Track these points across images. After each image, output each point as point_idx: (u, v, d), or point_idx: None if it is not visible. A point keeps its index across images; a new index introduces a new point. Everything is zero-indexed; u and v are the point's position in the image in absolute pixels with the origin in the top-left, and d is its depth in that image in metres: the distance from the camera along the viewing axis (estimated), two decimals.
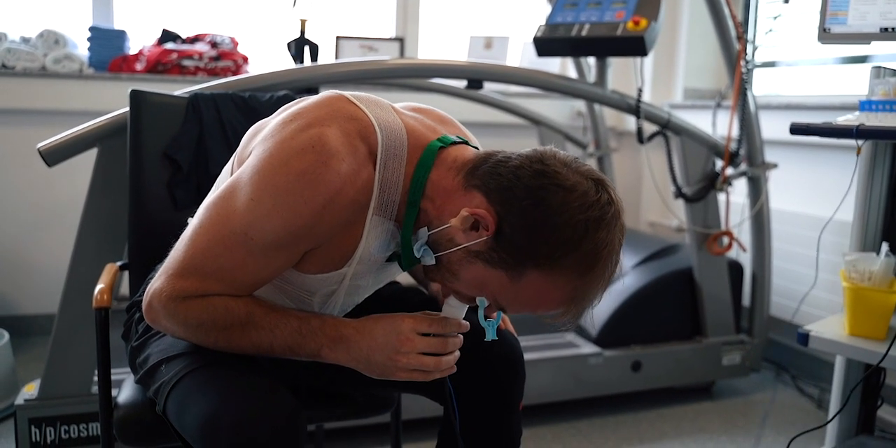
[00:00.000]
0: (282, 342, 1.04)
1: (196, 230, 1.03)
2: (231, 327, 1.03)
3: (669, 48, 3.51)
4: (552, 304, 0.99)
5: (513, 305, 1.03)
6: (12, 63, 2.76)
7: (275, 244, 1.00)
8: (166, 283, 1.03)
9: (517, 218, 0.95)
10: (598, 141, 3.35)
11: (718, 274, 2.54)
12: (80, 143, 1.69)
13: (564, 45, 2.13)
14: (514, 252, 0.96)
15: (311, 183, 0.97)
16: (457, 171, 1.04)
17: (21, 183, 2.86)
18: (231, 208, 1.01)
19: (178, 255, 1.04)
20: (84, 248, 1.78)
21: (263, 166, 0.99)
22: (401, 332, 1.01)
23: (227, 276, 1.02)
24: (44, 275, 2.89)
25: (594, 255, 0.95)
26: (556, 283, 0.96)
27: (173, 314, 1.03)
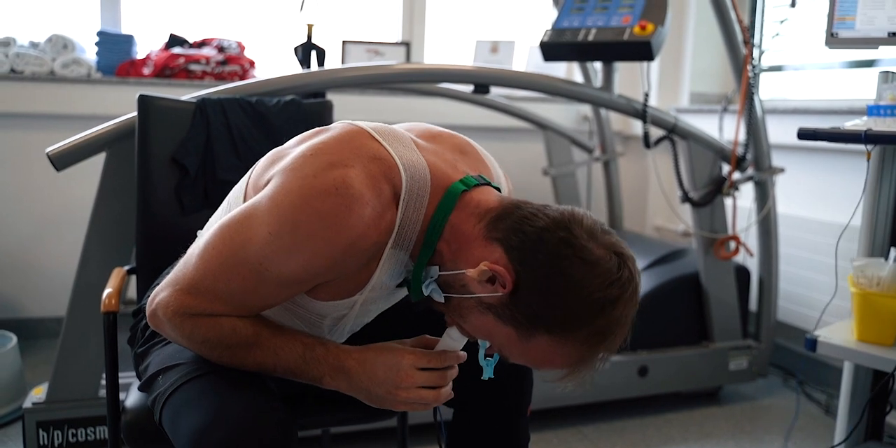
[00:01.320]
0: (285, 366, 1.05)
1: (209, 250, 1.01)
2: (236, 347, 1.04)
3: (676, 52, 3.51)
4: (556, 366, 1.00)
5: (516, 359, 1.03)
6: (21, 68, 2.77)
7: (290, 280, 1.01)
8: (173, 297, 1.02)
9: (536, 283, 0.95)
10: (605, 145, 3.35)
11: (725, 278, 2.54)
12: (89, 148, 1.70)
13: (571, 50, 2.13)
14: (528, 314, 0.96)
15: (334, 226, 0.96)
16: (478, 218, 1.02)
17: (29, 186, 2.87)
18: (247, 237, 0.99)
19: (188, 272, 1.03)
20: (92, 252, 1.79)
21: (284, 201, 0.98)
22: (401, 369, 1.02)
23: (236, 300, 1.02)
24: (51, 278, 2.89)
25: (607, 331, 0.96)
26: (564, 350, 0.97)
27: (178, 327, 1.03)
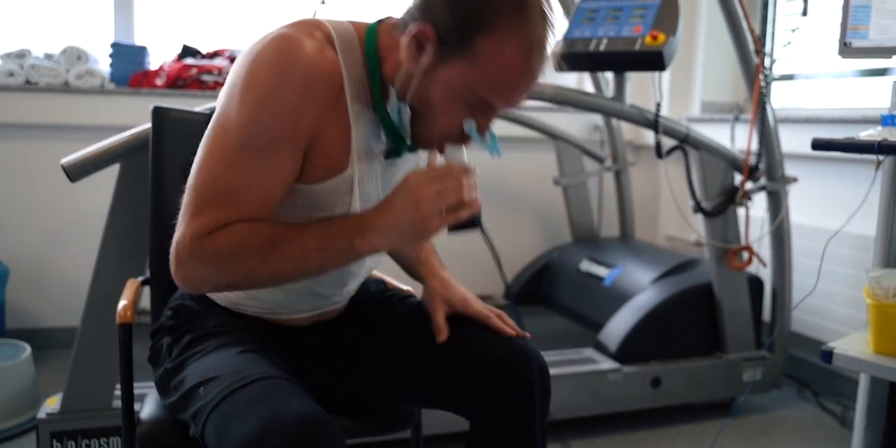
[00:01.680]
0: (313, 246, 1.04)
1: (196, 166, 1.06)
2: (261, 248, 1.03)
3: (686, 61, 3.50)
4: (520, 65, 1.02)
5: (492, 90, 1.04)
6: (36, 79, 2.80)
7: (272, 139, 1.04)
8: (185, 227, 1.04)
9: (441, 8, 1.01)
10: (616, 155, 3.34)
11: (738, 289, 2.53)
12: (103, 160, 1.71)
13: (582, 61, 2.14)
14: (456, 33, 1.00)
15: (284, 64, 1.03)
16: (394, 28, 1.09)
17: (43, 196, 2.89)
18: (223, 127, 1.05)
19: (187, 198, 1.06)
20: (105, 263, 1.79)
21: (238, 74, 1.05)
22: (412, 187, 1.02)
23: (237, 196, 1.04)
24: (65, 288, 2.90)
25: (532, 4, 1.01)
26: (506, 41, 1.00)
27: (201, 254, 1.03)
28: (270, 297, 1.26)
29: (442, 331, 1.26)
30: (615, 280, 2.87)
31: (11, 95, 2.78)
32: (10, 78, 2.78)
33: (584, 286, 3.02)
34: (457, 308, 1.31)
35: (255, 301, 1.27)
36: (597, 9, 2.21)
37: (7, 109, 2.78)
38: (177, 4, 3.21)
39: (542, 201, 3.60)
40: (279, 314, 1.30)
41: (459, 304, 1.31)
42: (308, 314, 1.32)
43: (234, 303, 1.28)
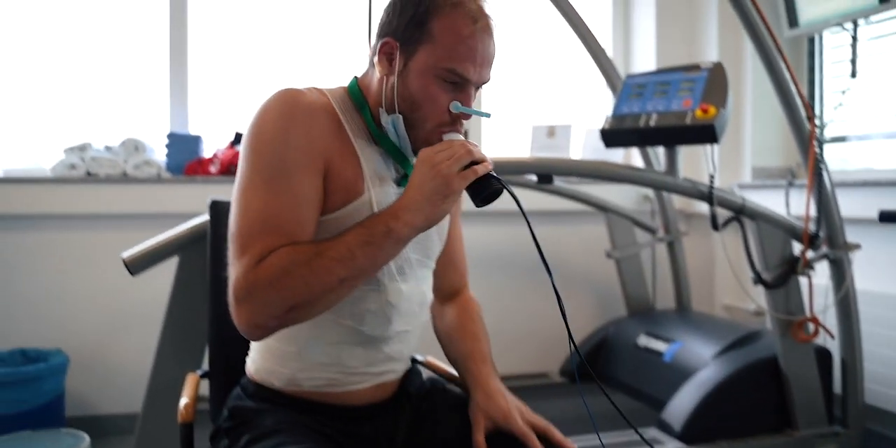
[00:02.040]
0: (356, 242, 1.10)
1: (233, 213, 1.14)
2: (308, 258, 1.08)
3: (735, 127, 3.47)
4: (471, 31, 1.18)
5: (457, 58, 1.18)
6: (96, 170, 2.89)
7: (291, 167, 1.14)
8: (235, 268, 1.10)
9: (392, 19, 1.21)
10: (667, 225, 3.30)
11: (806, 362, 2.44)
12: (162, 253, 1.73)
13: (633, 136, 2.13)
14: (411, 29, 1.18)
15: (287, 106, 1.17)
16: (367, 71, 1.29)
17: (102, 284, 2.93)
18: (246, 171, 1.15)
19: (232, 244, 1.12)
20: (165, 356, 1.80)
21: (250, 125, 1.17)
22: (425, 159, 1.13)
23: (275, 224, 1.11)
24: (124, 375, 2.92)
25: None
26: (454, 17, 1.17)
27: (255, 284, 1.07)
28: (325, 357, 1.27)
29: (480, 445, 1.26)
30: (675, 355, 2.79)
31: (73, 187, 2.87)
32: (72, 170, 2.88)
33: (643, 362, 2.95)
34: (498, 424, 1.28)
35: (311, 371, 1.28)
36: (644, 84, 2.22)
37: (69, 200, 2.87)
38: (229, 93, 3.31)
39: (595, 274, 3.56)
40: (336, 387, 1.29)
41: (501, 419, 1.28)
42: (365, 386, 1.31)
43: (291, 380, 1.28)
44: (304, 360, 1.28)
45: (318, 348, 1.27)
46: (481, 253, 3.32)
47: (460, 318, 1.47)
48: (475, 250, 3.41)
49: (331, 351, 1.27)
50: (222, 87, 3.31)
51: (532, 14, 3.69)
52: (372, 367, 1.31)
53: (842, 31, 3.01)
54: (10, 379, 2.50)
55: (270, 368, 1.31)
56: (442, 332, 1.49)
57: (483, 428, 1.28)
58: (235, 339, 1.51)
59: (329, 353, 1.27)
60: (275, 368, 1.30)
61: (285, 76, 3.34)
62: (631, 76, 2.30)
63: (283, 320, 1.11)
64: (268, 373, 1.31)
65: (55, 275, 2.91)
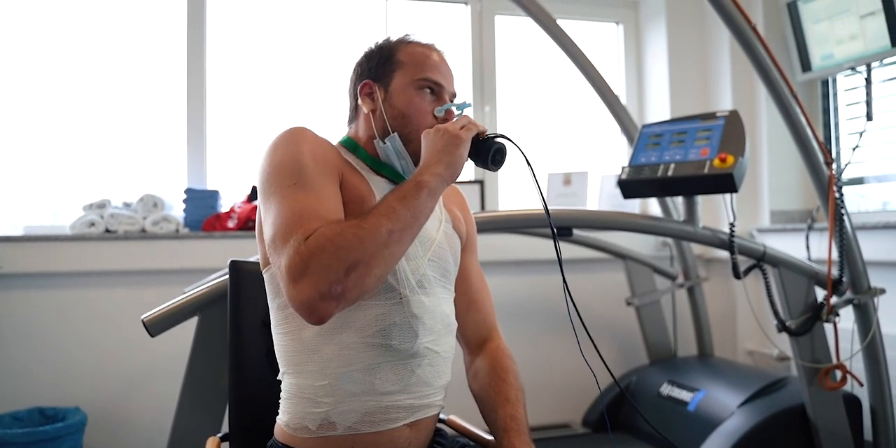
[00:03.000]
0: (394, 198, 1.22)
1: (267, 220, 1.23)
2: (355, 221, 1.17)
3: (752, 171, 3.46)
4: (428, 50, 1.44)
5: (425, 69, 1.40)
6: (115, 227, 2.91)
7: (311, 172, 1.26)
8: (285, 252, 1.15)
9: (362, 67, 1.46)
10: (687, 271, 3.28)
11: (835, 410, 2.38)
12: (181, 314, 1.72)
13: (651, 187, 2.12)
14: (381, 66, 1.43)
15: (296, 133, 1.33)
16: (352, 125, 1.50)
17: (120, 342, 2.93)
18: (270, 190, 1.25)
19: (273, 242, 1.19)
20: (184, 417, 1.77)
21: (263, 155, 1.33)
22: (429, 132, 1.32)
23: (309, 213, 1.19)
24: (141, 434, 2.90)
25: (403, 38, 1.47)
26: (411, 46, 1.44)
27: (310, 253, 1.12)
28: (358, 386, 1.28)
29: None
30: (700, 404, 2.74)
31: (92, 244, 2.88)
32: (91, 228, 2.90)
33: (667, 411, 2.89)
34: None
35: (345, 405, 1.28)
36: (660, 133, 2.22)
37: (88, 258, 2.88)
38: (246, 147, 3.35)
39: (615, 322, 3.52)
40: (371, 424, 1.29)
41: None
42: (401, 423, 1.32)
43: (325, 420, 1.28)
44: (336, 392, 1.28)
45: (349, 376, 1.28)
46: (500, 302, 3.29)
47: (493, 380, 1.47)
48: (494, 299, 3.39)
49: (363, 377, 1.28)
50: (239, 141, 3.35)
51: (546, 62, 3.73)
52: (406, 392, 1.32)
53: (855, 73, 3.02)
54: (29, 438, 2.48)
55: (303, 412, 1.30)
56: (476, 394, 1.50)
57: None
58: (256, 399, 1.51)
59: (362, 380, 1.28)
60: (308, 410, 1.30)
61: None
62: (647, 125, 2.30)
63: (346, 285, 1.12)
64: (301, 417, 1.31)
65: (74, 332, 2.91)
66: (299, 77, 3.42)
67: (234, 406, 1.54)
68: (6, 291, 2.86)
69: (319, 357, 1.29)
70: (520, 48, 3.75)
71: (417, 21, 3.61)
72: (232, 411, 1.54)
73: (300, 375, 1.32)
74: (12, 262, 2.82)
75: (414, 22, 3.60)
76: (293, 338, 1.33)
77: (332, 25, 3.49)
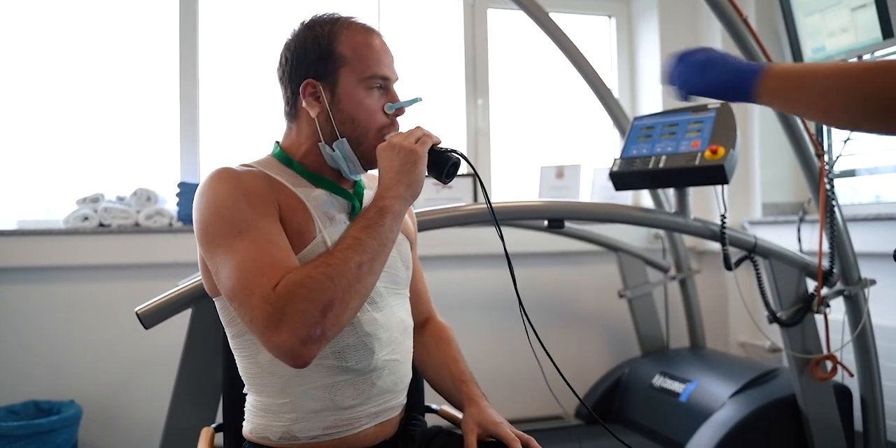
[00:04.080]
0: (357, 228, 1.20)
1: (225, 278, 1.18)
2: (322, 261, 1.16)
3: (743, 164, 3.47)
4: (370, 39, 1.35)
5: (371, 64, 1.33)
6: (108, 221, 2.91)
7: (251, 217, 1.21)
8: (253, 303, 1.12)
9: (298, 61, 1.34)
10: (679, 263, 3.29)
11: (825, 400, 2.40)
12: (175, 306, 1.73)
13: (642, 178, 2.13)
14: (321, 60, 1.32)
15: (223, 176, 1.28)
16: (288, 129, 1.43)
17: (114, 335, 2.93)
18: (215, 242, 1.21)
19: (236, 297, 1.15)
20: (179, 409, 1.78)
21: (196, 202, 1.28)
22: (384, 147, 1.28)
23: (266, 261, 1.16)
24: (136, 427, 2.90)
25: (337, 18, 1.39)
26: (350, 34, 1.34)
27: (281, 301, 1.11)
28: (318, 403, 1.29)
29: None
30: (691, 395, 2.76)
31: (86, 238, 2.88)
32: (84, 222, 2.90)
33: (659, 403, 2.91)
34: (488, 430, 1.39)
35: (306, 422, 1.29)
36: (652, 125, 2.23)
37: (81, 251, 2.88)
38: (239, 141, 3.35)
39: (607, 314, 3.53)
40: (334, 435, 1.31)
41: (491, 426, 1.40)
42: (365, 428, 1.33)
43: (286, 433, 1.30)
44: (297, 409, 1.29)
45: (308, 395, 1.28)
46: (491, 296, 3.31)
47: (438, 344, 1.57)
48: (485, 293, 3.41)
49: (322, 395, 1.29)
50: (232, 135, 3.35)
51: (538, 55, 3.74)
52: (368, 403, 1.33)
53: None
54: (24, 431, 2.49)
55: (265, 424, 1.32)
56: (423, 361, 1.56)
57: (475, 434, 1.38)
58: None
59: (321, 398, 1.29)
60: (269, 423, 1.31)
61: None
62: (639, 118, 2.31)
63: (325, 326, 1.12)
64: (263, 428, 1.32)
65: (68, 326, 2.91)
66: None
67: (228, 397, 1.55)
68: (0, 285, 2.86)
69: (277, 378, 1.30)
70: (512, 41, 3.75)
71: (409, 14, 3.61)
72: (226, 402, 1.55)
73: (261, 394, 1.33)
74: (6, 256, 2.82)
75: (406, 15, 3.60)
76: (251, 361, 1.33)
77: None
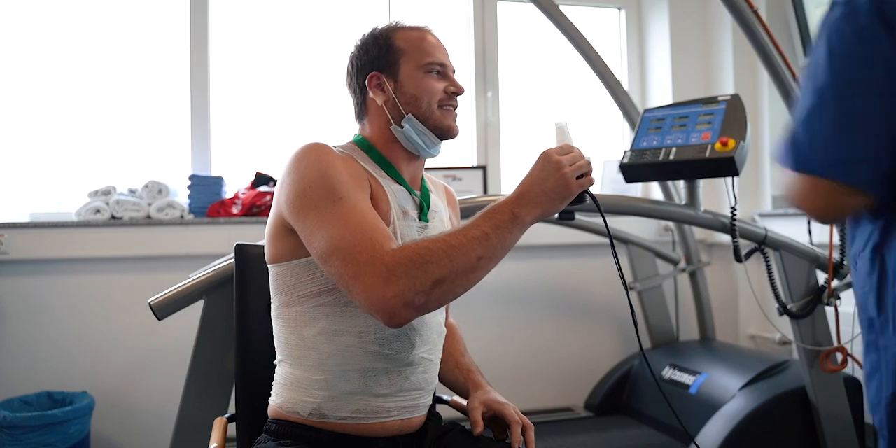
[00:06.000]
0: (489, 225, 1.21)
1: (325, 237, 1.21)
2: (446, 239, 1.18)
3: (754, 156, 3.47)
4: (422, 34, 1.44)
5: (426, 52, 1.42)
6: (120, 214, 2.93)
7: (346, 189, 1.25)
8: (362, 258, 1.16)
9: (362, 59, 1.44)
10: (689, 256, 3.29)
11: (835, 392, 2.40)
12: (188, 297, 1.74)
13: (653, 170, 2.12)
14: (382, 56, 1.42)
15: (320, 150, 1.30)
16: (361, 125, 1.49)
17: (127, 327, 2.95)
18: (313, 207, 1.24)
19: (342, 254, 1.18)
20: (191, 400, 1.79)
21: (291, 177, 1.29)
22: (549, 156, 1.28)
23: (377, 227, 1.21)
24: (149, 418, 2.92)
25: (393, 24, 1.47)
26: (404, 31, 1.44)
27: (399, 262, 1.14)
28: (352, 385, 1.32)
29: (478, 424, 1.42)
30: (701, 387, 2.76)
31: (98, 231, 2.90)
32: (96, 214, 2.91)
33: (669, 395, 2.91)
34: (493, 408, 1.45)
35: (338, 401, 1.32)
36: (662, 117, 2.22)
37: (94, 244, 2.90)
38: (250, 133, 3.36)
39: (617, 307, 3.54)
40: (361, 419, 1.33)
41: (495, 405, 1.46)
42: (391, 419, 1.35)
43: (317, 410, 1.32)
44: (331, 388, 1.32)
45: (345, 376, 1.31)
46: (500, 287, 3.32)
47: (448, 341, 1.59)
48: (496, 285, 3.42)
49: (358, 378, 1.31)
50: (243, 127, 3.36)
51: (548, 48, 3.73)
52: (398, 396, 1.35)
53: None
54: (37, 422, 2.50)
55: (297, 398, 1.34)
56: None
57: (480, 411, 1.45)
58: (263, 380, 1.53)
59: (356, 381, 1.31)
60: (301, 398, 1.33)
61: (306, 116, 3.38)
62: (649, 110, 2.31)
63: (429, 298, 1.15)
64: (294, 403, 1.34)
65: (80, 318, 2.93)
66: (302, 63, 3.42)
67: (241, 387, 1.56)
68: (14, 277, 2.88)
69: (318, 354, 1.32)
70: (522, 34, 3.74)
71: (420, 6, 3.61)
72: (238, 393, 1.56)
73: (298, 367, 1.35)
74: (19, 249, 2.84)
75: (416, 7, 3.60)
76: (294, 333, 1.35)
77: (336, 12, 3.49)
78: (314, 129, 3.36)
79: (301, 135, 3.37)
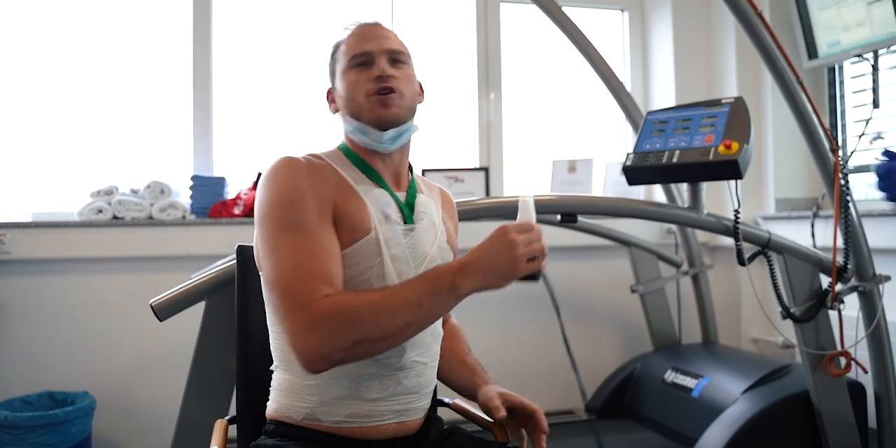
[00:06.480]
0: (424, 291, 1.19)
1: (269, 267, 1.25)
2: (376, 300, 1.19)
3: (757, 158, 3.46)
4: (353, 33, 1.48)
5: (351, 49, 1.44)
6: (122, 214, 2.93)
7: (306, 219, 1.26)
8: (292, 303, 1.18)
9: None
10: (692, 258, 3.28)
11: (839, 397, 2.39)
12: (189, 298, 1.74)
13: (656, 173, 2.12)
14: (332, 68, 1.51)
15: (289, 166, 1.33)
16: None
17: (129, 327, 2.95)
18: (269, 231, 1.27)
19: (275, 288, 1.22)
20: (192, 401, 1.79)
21: (259, 189, 1.33)
22: (505, 233, 1.21)
23: (310, 268, 1.21)
24: (151, 418, 2.92)
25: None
26: (346, 38, 1.49)
27: (323, 315, 1.16)
28: (343, 390, 1.31)
29: (500, 409, 1.39)
30: (704, 391, 2.76)
31: (100, 231, 2.90)
32: (98, 214, 2.91)
33: (671, 398, 2.91)
34: (509, 399, 1.43)
35: (329, 406, 1.32)
36: (665, 120, 2.22)
37: (96, 244, 2.90)
38: (252, 134, 3.35)
39: (619, 309, 3.53)
40: (355, 423, 1.33)
41: (510, 396, 1.43)
42: (386, 423, 1.35)
43: (309, 414, 1.32)
44: (322, 393, 1.32)
45: (335, 382, 1.31)
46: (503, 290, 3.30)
47: (450, 340, 1.59)
48: None
49: (348, 384, 1.31)
50: (245, 128, 3.36)
51: (551, 50, 3.73)
52: (391, 400, 1.35)
53: (861, 60, 3.01)
54: (38, 422, 2.51)
55: (290, 404, 1.34)
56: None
57: (500, 401, 1.41)
58: (264, 382, 1.52)
59: (347, 386, 1.31)
60: (295, 403, 1.34)
61: (308, 117, 3.38)
62: (652, 112, 2.30)
63: (348, 354, 1.17)
64: (288, 408, 1.35)
65: (82, 318, 2.93)
66: (305, 64, 3.42)
67: (242, 389, 1.56)
68: (16, 277, 2.88)
69: None
70: (525, 36, 3.74)
71: (423, 7, 3.61)
72: (239, 394, 1.56)
73: (291, 372, 1.35)
74: (21, 248, 2.84)
75: (419, 8, 3.60)
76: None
77: (338, 12, 3.49)
78: (315, 130, 3.35)
79: (302, 135, 3.38)
